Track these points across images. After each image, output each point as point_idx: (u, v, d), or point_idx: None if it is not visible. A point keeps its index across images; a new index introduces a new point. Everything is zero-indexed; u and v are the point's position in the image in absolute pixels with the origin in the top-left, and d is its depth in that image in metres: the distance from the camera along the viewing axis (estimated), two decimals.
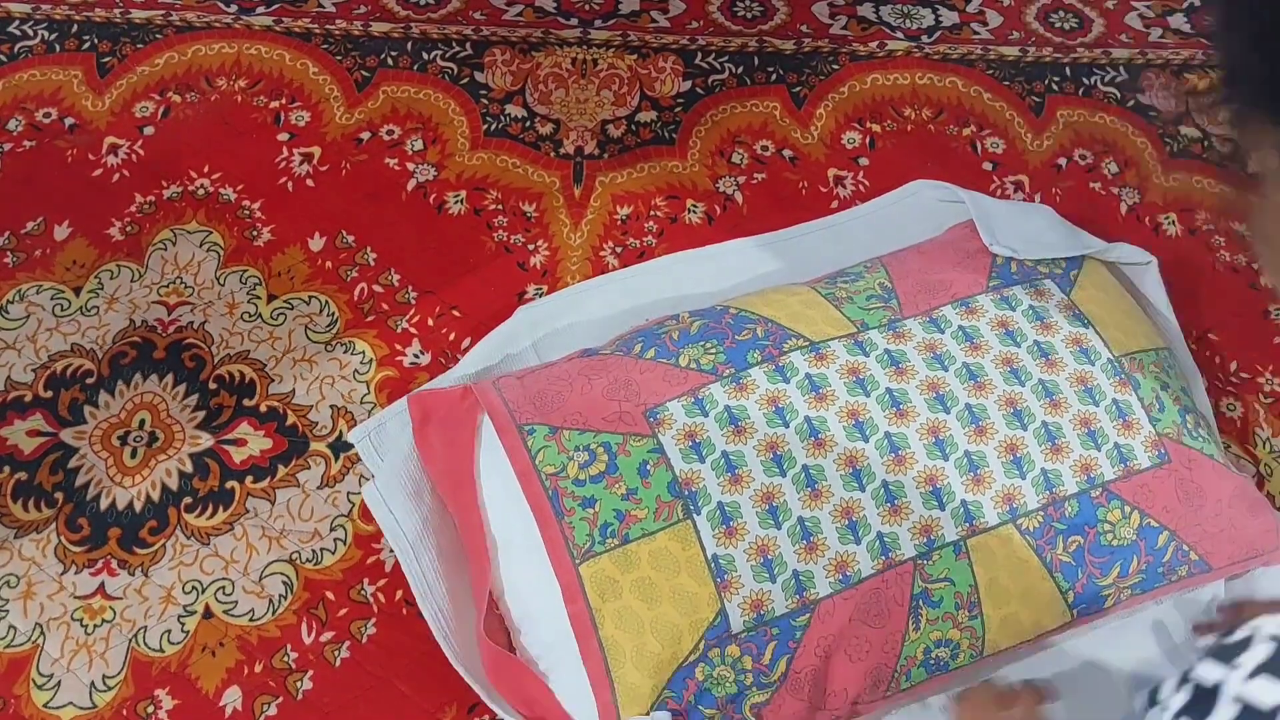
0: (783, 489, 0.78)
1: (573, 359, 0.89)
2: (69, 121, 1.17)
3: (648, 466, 0.79)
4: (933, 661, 0.79)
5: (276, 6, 1.29)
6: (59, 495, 0.94)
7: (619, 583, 0.76)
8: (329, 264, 1.09)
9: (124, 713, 0.85)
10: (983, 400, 0.83)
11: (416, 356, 1.04)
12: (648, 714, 0.74)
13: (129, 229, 1.10)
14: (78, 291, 1.05)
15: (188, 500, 0.94)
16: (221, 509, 0.94)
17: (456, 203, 1.14)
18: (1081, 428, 0.83)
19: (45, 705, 0.85)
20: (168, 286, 1.06)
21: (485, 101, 1.22)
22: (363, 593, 0.91)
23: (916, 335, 0.86)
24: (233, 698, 0.86)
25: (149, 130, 1.17)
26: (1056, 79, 1.29)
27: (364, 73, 1.24)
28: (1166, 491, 0.83)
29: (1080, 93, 1.28)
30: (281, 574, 0.92)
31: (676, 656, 0.75)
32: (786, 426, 0.80)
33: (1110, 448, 0.83)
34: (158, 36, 1.25)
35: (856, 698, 0.78)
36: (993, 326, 0.87)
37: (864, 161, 1.20)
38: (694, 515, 0.77)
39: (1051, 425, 0.83)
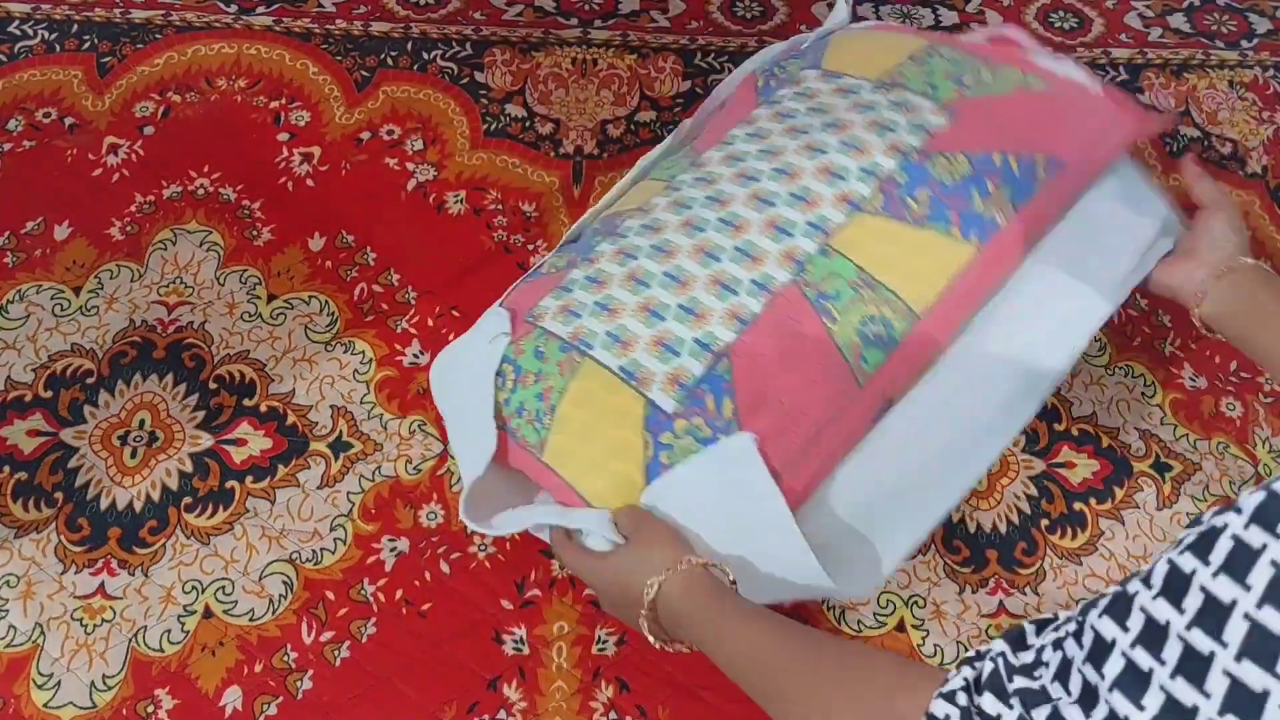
0: (655, 296, 0.84)
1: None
2: (69, 121, 1.17)
3: (540, 349, 0.85)
4: (874, 338, 0.83)
5: (276, 6, 1.29)
6: (59, 495, 0.94)
7: (568, 445, 0.82)
8: (329, 264, 1.09)
9: (124, 712, 0.85)
10: (783, 160, 0.90)
11: (416, 356, 1.04)
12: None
13: (129, 229, 1.10)
14: (78, 291, 1.05)
15: (188, 500, 0.94)
16: (221, 509, 0.94)
17: (456, 202, 1.14)
18: (873, 129, 0.90)
19: (45, 705, 0.85)
20: (168, 286, 1.06)
21: (485, 101, 1.22)
22: (363, 592, 0.91)
23: (714, 156, 0.94)
24: (233, 697, 0.86)
25: (149, 130, 1.17)
26: None
27: (364, 73, 1.24)
28: (977, 129, 0.90)
29: None
30: (281, 574, 0.92)
31: (638, 462, 0.79)
32: (637, 260, 0.87)
33: (905, 126, 0.90)
34: (158, 36, 1.25)
35: (830, 393, 0.81)
36: (771, 119, 0.95)
37: None
38: (589, 352, 0.83)
39: (847, 139, 0.89)
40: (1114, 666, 0.44)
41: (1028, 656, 0.51)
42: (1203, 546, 0.42)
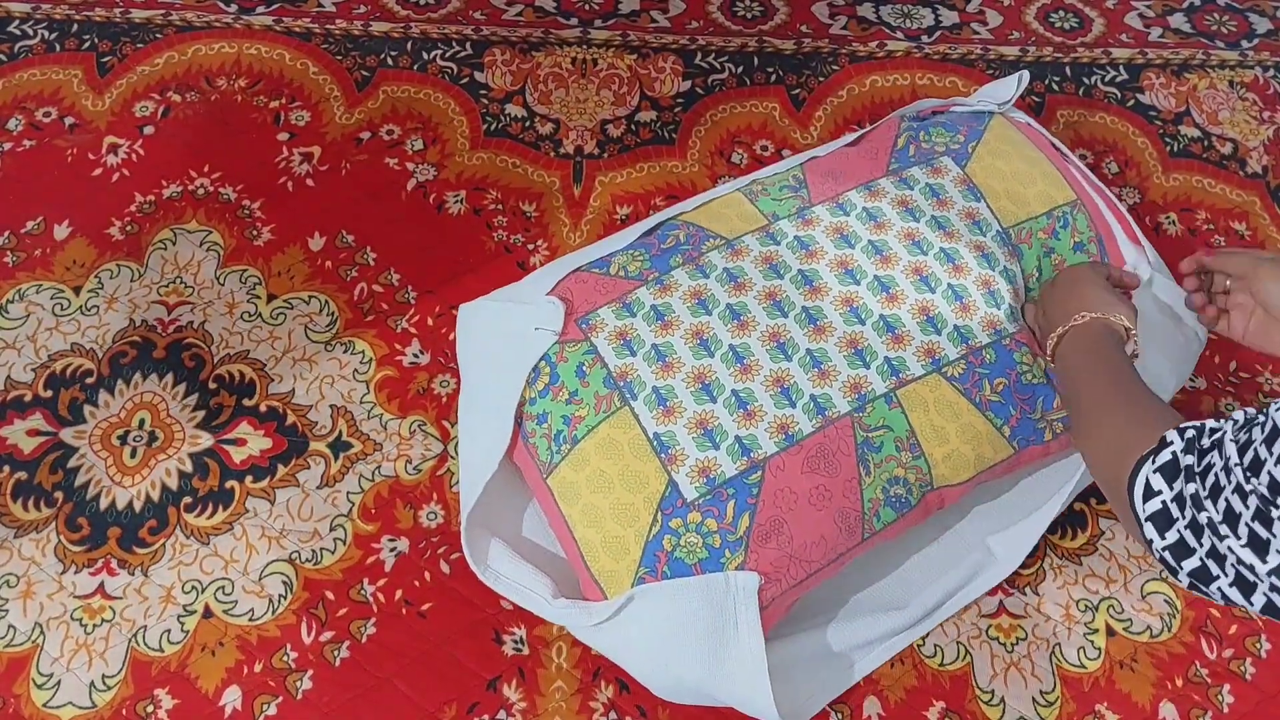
0: (713, 368, 0.84)
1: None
2: (69, 121, 1.17)
3: (584, 368, 0.84)
4: (894, 499, 0.83)
5: (276, 6, 1.29)
6: (59, 495, 0.94)
7: (577, 483, 0.82)
8: (329, 264, 1.09)
9: (123, 712, 0.85)
10: (890, 271, 0.89)
11: (416, 356, 1.04)
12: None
13: (129, 229, 1.10)
14: (78, 291, 1.05)
15: (187, 500, 0.94)
16: (221, 509, 0.94)
17: (456, 202, 1.14)
18: (984, 288, 0.90)
19: (45, 705, 0.85)
20: (168, 286, 1.06)
21: (485, 101, 1.22)
22: (362, 592, 0.91)
23: (824, 220, 0.92)
24: (232, 697, 0.86)
25: (149, 130, 1.17)
26: (1056, 79, 1.29)
27: (364, 72, 1.24)
28: None
29: (1080, 92, 1.28)
30: (281, 574, 0.92)
31: (640, 534, 0.79)
32: (710, 314, 0.86)
33: (1007, 308, 0.90)
34: (158, 36, 1.25)
35: (835, 544, 0.81)
36: (894, 205, 0.93)
37: None
38: (631, 402, 0.82)
39: (957, 287, 0.89)
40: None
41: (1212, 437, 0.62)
42: None
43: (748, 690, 0.78)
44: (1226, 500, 0.57)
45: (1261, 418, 0.57)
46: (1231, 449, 0.58)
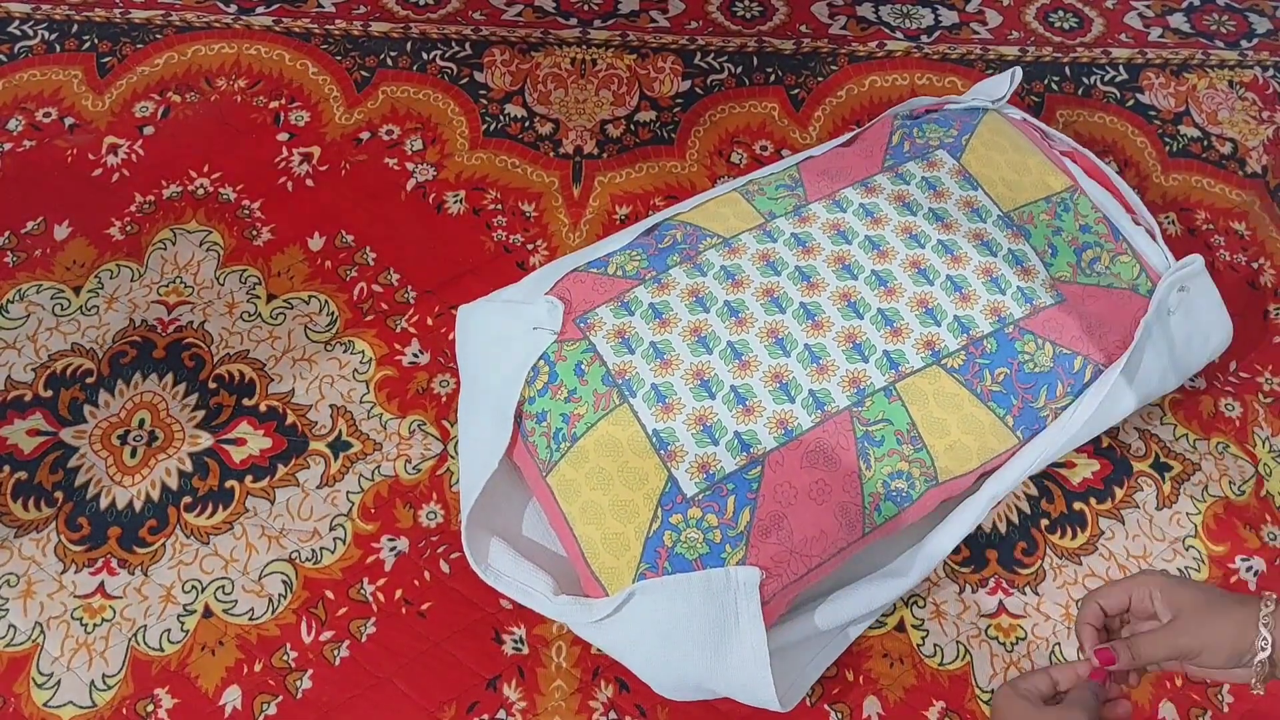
0: (711, 365, 0.84)
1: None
2: (69, 121, 1.17)
3: (582, 366, 0.85)
4: (894, 493, 0.83)
5: (276, 6, 1.29)
6: (59, 494, 0.94)
7: (576, 481, 0.82)
8: (328, 264, 1.09)
9: (124, 711, 0.85)
10: (888, 266, 0.90)
11: (416, 356, 1.04)
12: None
13: (129, 229, 1.10)
14: (78, 291, 1.06)
15: (187, 499, 0.94)
16: (221, 508, 0.94)
17: (456, 202, 1.14)
18: (984, 276, 0.90)
19: (45, 704, 0.85)
20: (167, 286, 1.06)
21: (485, 101, 1.22)
22: (362, 592, 0.91)
23: (821, 217, 0.93)
24: (232, 697, 0.86)
25: (149, 130, 1.17)
26: (1056, 79, 1.29)
27: (363, 73, 1.24)
28: (1072, 324, 0.89)
29: (1080, 92, 1.28)
30: (281, 573, 0.92)
31: (640, 530, 0.80)
32: (707, 312, 0.87)
33: (1014, 291, 0.89)
34: (158, 36, 1.25)
35: (835, 539, 0.81)
36: (890, 200, 0.94)
37: None
38: (630, 399, 0.83)
39: (956, 278, 0.89)
40: None
41: None
42: None
43: (750, 684, 0.78)
44: None
45: None
46: None
